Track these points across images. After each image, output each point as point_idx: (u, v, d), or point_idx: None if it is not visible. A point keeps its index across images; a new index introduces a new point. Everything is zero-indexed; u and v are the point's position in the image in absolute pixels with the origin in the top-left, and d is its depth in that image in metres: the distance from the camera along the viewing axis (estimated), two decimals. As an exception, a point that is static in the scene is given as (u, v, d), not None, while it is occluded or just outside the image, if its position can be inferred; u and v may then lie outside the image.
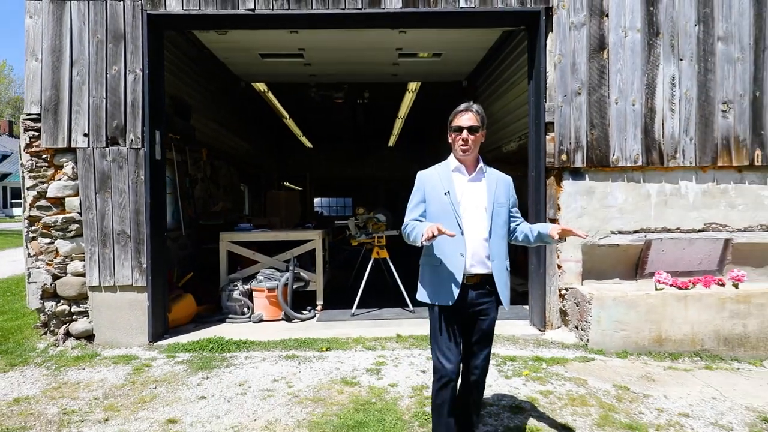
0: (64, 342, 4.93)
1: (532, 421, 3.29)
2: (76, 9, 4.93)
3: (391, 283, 6.93)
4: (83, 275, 4.98)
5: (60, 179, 4.96)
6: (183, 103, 7.00)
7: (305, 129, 15.84)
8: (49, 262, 4.97)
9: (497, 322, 2.78)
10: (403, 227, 2.71)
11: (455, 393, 2.63)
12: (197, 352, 4.69)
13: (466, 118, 2.64)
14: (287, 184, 18.11)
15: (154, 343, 4.96)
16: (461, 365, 2.70)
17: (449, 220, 2.59)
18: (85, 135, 4.94)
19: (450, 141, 2.73)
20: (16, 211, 33.57)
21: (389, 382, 3.94)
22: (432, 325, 2.68)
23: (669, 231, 5.21)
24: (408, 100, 11.23)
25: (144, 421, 3.32)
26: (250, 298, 5.96)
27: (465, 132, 2.63)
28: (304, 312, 6.00)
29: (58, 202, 4.97)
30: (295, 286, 6.04)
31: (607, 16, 5.08)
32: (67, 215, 4.96)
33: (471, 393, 2.76)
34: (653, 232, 5.20)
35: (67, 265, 4.99)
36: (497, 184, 2.71)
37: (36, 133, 4.93)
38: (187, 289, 6.09)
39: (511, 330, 5.22)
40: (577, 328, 4.99)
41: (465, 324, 2.67)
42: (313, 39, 7.14)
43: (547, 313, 5.21)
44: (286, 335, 5.15)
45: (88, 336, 4.99)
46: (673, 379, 4.11)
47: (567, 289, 5.17)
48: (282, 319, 5.87)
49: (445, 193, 2.64)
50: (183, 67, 7.18)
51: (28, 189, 4.95)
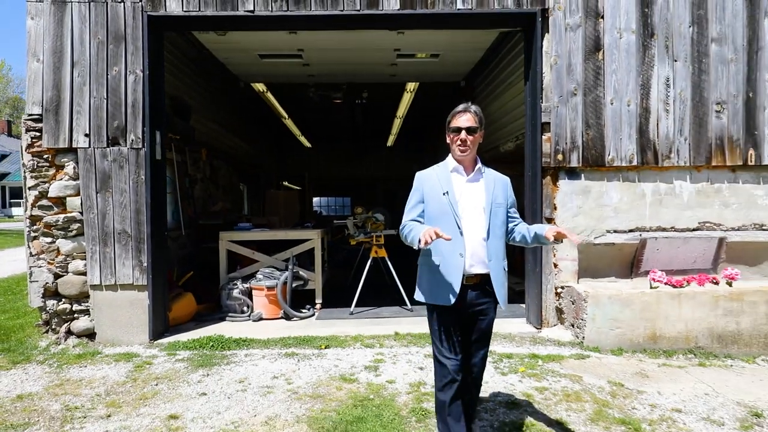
0: (65, 340, 4.98)
1: (528, 417, 3.35)
2: (77, 10, 4.98)
3: (389, 281, 6.98)
4: (84, 274, 5.03)
5: (61, 179, 5.01)
6: (183, 103, 7.05)
7: (304, 129, 15.88)
8: (51, 261, 5.02)
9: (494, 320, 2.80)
10: (401, 228, 2.70)
11: (458, 393, 2.63)
12: (198, 350, 4.74)
13: (465, 118, 2.64)
14: (286, 183, 18.15)
15: (155, 341, 5.01)
16: None
17: (448, 221, 2.59)
18: (86, 135, 4.99)
19: (448, 141, 2.73)
20: (15, 210, 33.54)
21: (387, 378, 4.00)
22: (432, 326, 2.68)
23: (664, 230, 5.27)
24: (406, 100, 11.27)
25: (146, 417, 3.38)
26: (250, 297, 6.01)
27: (463, 133, 2.63)
28: (304, 310, 6.05)
29: (60, 202, 5.02)
30: (294, 285, 6.09)
31: (602, 17, 5.14)
32: (69, 215, 5.01)
33: (469, 390, 2.80)
34: (648, 231, 5.26)
35: (68, 264, 5.04)
36: (495, 184, 2.71)
37: (37, 134, 4.97)
38: (187, 288, 6.14)
39: (508, 328, 5.28)
40: (573, 326, 5.05)
41: (464, 323, 2.67)
42: (311, 39, 7.19)
43: (544, 312, 5.27)
44: (285, 333, 5.21)
45: (90, 334, 5.05)
46: (667, 375, 4.17)
47: (563, 287, 5.23)
48: (281, 317, 5.92)
49: (443, 194, 2.64)
50: (183, 67, 7.22)
51: (29, 189, 5.00)
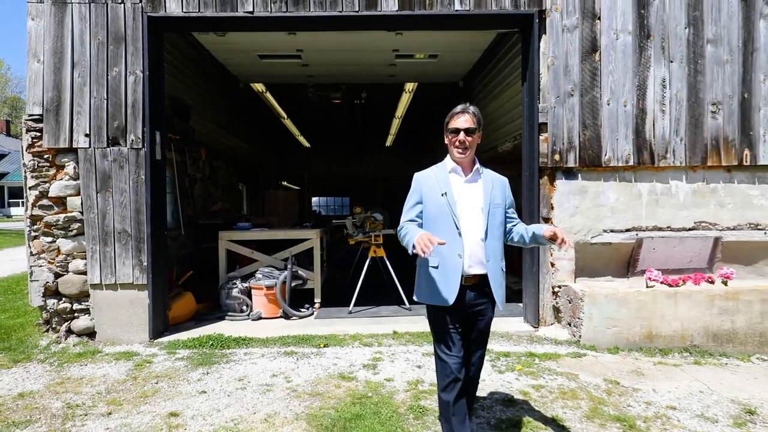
0: (65, 339, 5.01)
1: (524, 414, 3.39)
2: (77, 11, 5.01)
3: (387, 281, 7.02)
4: (85, 273, 5.06)
5: (62, 179, 5.04)
6: (182, 103, 7.08)
7: (303, 129, 15.92)
8: (51, 261, 5.05)
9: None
10: (398, 228, 2.70)
11: (462, 392, 2.60)
12: (197, 349, 4.78)
13: (463, 119, 2.64)
14: (285, 183, 18.19)
15: (155, 340, 5.05)
16: None
17: (446, 221, 2.60)
18: (87, 135, 5.02)
19: (446, 142, 2.73)
20: (14, 210, 33.51)
21: (385, 377, 4.04)
22: (433, 326, 2.68)
23: (660, 229, 5.32)
24: (405, 100, 11.31)
25: (146, 415, 3.41)
26: (249, 296, 6.04)
27: (462, 134, 2.62)
28: (302, 310, 6.08)
29: (60, 202, 5.05)
30: (293, 285, 6.12)
31: (599, 18, 5.18)
32: (69, 214, 5.04)
33: (466, 389, 2.81)
34: (644, 231, 5.31)
35: (68, 263, 5.07)
36: (493, 184, 2.71)
37: (38, 134, 5.00)
38: (187, 287, 6.17)
39: (505, 327, 5.32)
40: (569, 325, 5.09)
41: (463, 323, 2.67)
42: (310, 40, 7.22)
43: (541, 311, 5.32)
44: (284, 332, 5.24)
45: (90, 333, 5.08)
46: (662, 373, 4.21)
47: (560, 286, 5.27)
48: (280, 316, 5.96)
49: (442, 194, 2.63)
50: (182, 68, 7.26)
51: (30, 188, 5.03)
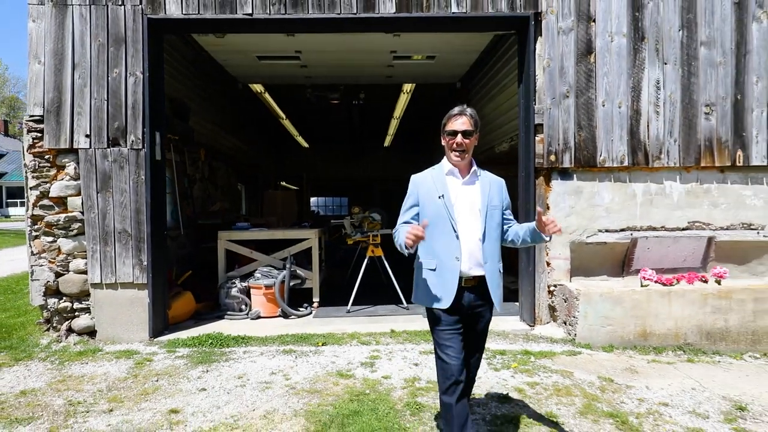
0: (66, 338, 5.06)
1: (518, 410, 3.45)
2: (78, 13, 5.06)
3: (385, 280, 7.07)
4: (85, 273, 5.11)
5: (62, 179, 5.08)
6: (182, 104, 7.13)
7: (302, 130, 15.97)
8: (52, 260, 5.10)
9: None
10: (393, 231, 2.72)
11: (463, 394, 2.57)
12: (197, 347, 4.83)
13: (460, 122, 2.62)
14: (284, 183, 18.24)
15: (155, 339, 5.10)
16: None
17: (444, 224, 2.60)
18: (87, 136, 5.06)
19: (443, 144, 2.72)
20: (12, 210, 33.50)
21: (383, 374, 4.10)
22: (433, 329, 2.66)
23: (654, 229, 5.38)
24: (403, 101, 11.37)
25: (147, 412, 3.46)
26: (248, 296, 6.09)
27: (459, 136, 2.61)
28: (301, 309, 6.13)
29: (61, 202, 5.10)
30: (291, 284, 6.18)
31: (594, 21, 5.24)
32: (70, 214, 5.09)
33: (466, 389, 2.85)
34: (639, 231, 5.37)
35: (69, 262, 5.11)
36: (491, 186, 2.71)
37: (39, 134, 5.05)
38: (186, 287, 6.22)
39: (501, 325, 5.38)
40: (565, 324, 5.15)
41: (462, 325, 2.65)
42: (309, 41, 7.28)
43: (537, 309, 5.38)
44: (283, 331, 5.30)
45: (90, 332, 5.12)
46: (655, 371, 4.27)
47: (556, 285, 5.33)
48: (279, 315, 6.01)
49: (439, 197, 2.62)
50: (182, 69, 7.31)
51: (31, 189, 5.07)
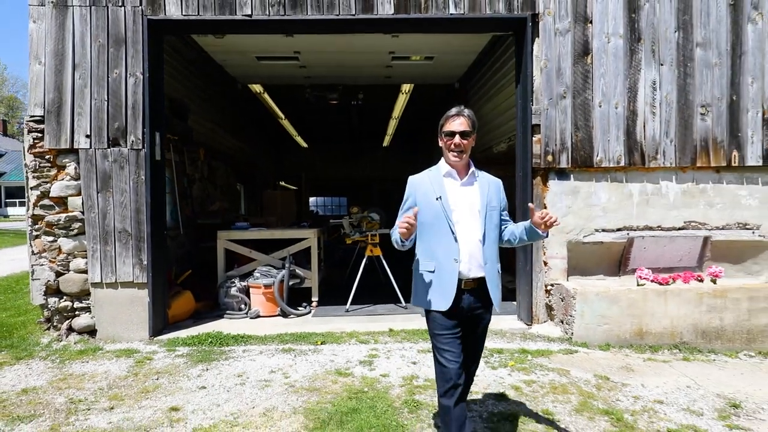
0: (67, 337, 5.09)
1: (515, 407, 3.49)
2: (78, 14, 5.09)
3: (384, 280, 7.11)
4: (85, 272, 5.14)
5: (63, 179, 5.11)
6: (181, 104, 7.16)
7: (301, 130, 16.01)
8: (53, 260, 5.13)
9: None
10: (391, 231, 2.70)
11: (461, 397, 2.55)
12: (196, 346, 4.86)
13: (458, 122, 2.62)
14: (283, 183, 18.27)
15: (155, 338, 5.13)
16: None
17: (442, 226, 2.58)
18: (87, 136, 5.09)
19: (441, 145, 2.71)
20: (11, 210, 33.49)
21: (381, 372, 4.13)
22: (431, 331, 2.64)
23: (650, 229, 5.43)
24: (401, 101, 11.41)
25: (148, 409, 3.50)
26: (247, 295, 6.13)
27: (457, 137, 2.60)
28: (300, 308, 6.17)
29: (61, 202, 5.13)
30: (290, 283, 6.21)
31: (591, 22, 5.28)
32: (70, 214, 5.12)
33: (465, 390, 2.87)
34: (635, 230, 5.42)
35: (69, 262, 5.14)
36: (489, 187, 2.71)
37: (39, 135, 5.08)
38: (186, 286, 6.25)
39: (499, 324, 5.42)
40: (562, 322, 5.19)
41: (461, 327, 2.63)
42: (308, 42, 7.31)
43: (534, 308, 5.42)
44: (282, 330, 5.33)
45: (90, 331, 5.16)
46: (651, 369, 4.31)
47: (553, 285, 5.38)
48: (278, 314, 6.04)
49: (436, 199, 2.61)
50: (181, 69, 7.34)
51: (31, 189, 5.10)
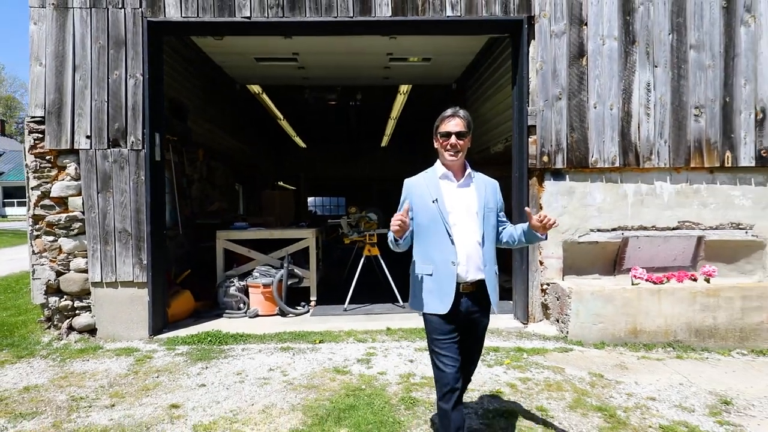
0: (67, 336, 5.13)
1: (510, 404, 3.55)
2: (78, 16, 5.13)
3: (382, 279, 7.16)
4: (86, 271, 5.18)
5: (63, 179, 5.16)
6: (180, 105, 7.20)
7: (300, 130, 16.05)
8: (53, 259, 5.18)
9: None
10: (387, 233, 2.66)
11: (459, 400, 2.54)
12: (196, 345, 4.91)
13: (454, 123, 2.61)
14: (282, 183, 18.31)
15: (154, 337, 5.18)
16: None
17: (438, 229, 2.57)
18: (88, 137, 5.14)
19: (437, 146, 2.69)
20: (9, 210, 33.47)
21: (378, 370, 4.19)
22: (429, 335, 2.63)
23: (645, 229, 5.49)
24: (400, 102, 11.46)
25: (148, 407, 3.55)
26: (246, 294, 6.18)
27: (453, 137, 2.59)
28: (299, 307, 6.22)
29: (62, 202, 5.18)
30: (289, 283, 6.26)
31: (586, 24, 5.35)
32: (70, 214, 5.16)
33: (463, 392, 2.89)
34: (630, 230, 5.48)
35: (70, 261, 5.19)
36: (486, 188, 2.69)
37: (40, 135, 5.12)
38: (185, 286, 6.29)
39: (495, 323, 5.48)
40: (557, 321, 5.25)
41: (459, 331, 2.64)
42: (306, 44, 7.36)
43: (530, 307, 5.48)
44: (281, 329, 5.38)
45: (91, 330, 5.20)
46: (645, 367, 4.38)
47: (548, 284, 5.44)
48: (277, 314, 6.09)
49: (432, 201, 2.59)
50: (180, 70, 7.38)
51: (32, 189, 5.14)
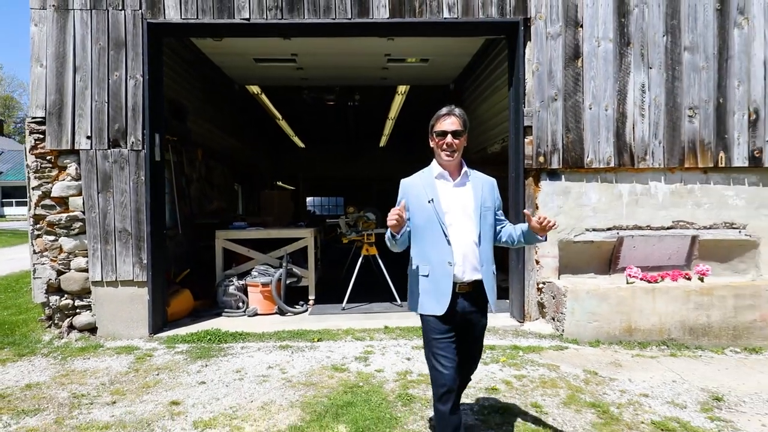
0: (68, 334, 5.18)
1: (505, 400, 3.61)
2: (79, 17, 5.18)
3: (380, 278, 7.21)
4: (86, 271, 5.23)
5: (64, 180, 5.21)
6: (180, 105, 7.25)
7: (298, 130, 16.09)
8: (54, 259, 5.22)
9: None
10: (385, 233, 2.65)
11: (457, 401, 2.51)
12: (196, 343, 4.96)
13: (449, 122, 2.57)
14: (280, 183, 18.36)
15: (154, 335, 5.23)
16: None
17: (434, 229, 2.54)
18: (88, 137, 5.19)
19: (432, 146, 2.65)
20: (8, 210, 33.46)
21: (376, 368, 4.25)
22: (426, 336, 2.60)
23: (640, 228, 5.55)
24: (398, 102, 11.51)
25: (149, 403, 3.60)
26: (245, 293, 6.23)
27: (449, 136, 2.55)
28: (297, 306, 6.28)
29: (62, 202, 5.22)
30: (288, 282, 6.31)
31: (581, 26, 5.41)
32: (71, 214, 5.21)
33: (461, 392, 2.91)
34: (625, 230, 5.54)
35: (70, 261, 5.24)
36: (483, 187, 2.64)
37: (41, 136, 5.17)
38: (185, 285, 6.33)
39: (492, 322, 5.52)
40: (553, 320, 5.31)
41: (457, 332, 2.59)
42: (305, 45, 7.41)
43: (526, 306, 5.54)
44: (279, 327, 5.44)
45: (91, 328, 5.25)
46: (639, 365, 4.44)
47: (544, 283, 5.50)
48: (276, 312, 6.15)
49: (428, 201, 2.56)
50: (180, 70, 7.43)
51: (33, 189, 5.19)
